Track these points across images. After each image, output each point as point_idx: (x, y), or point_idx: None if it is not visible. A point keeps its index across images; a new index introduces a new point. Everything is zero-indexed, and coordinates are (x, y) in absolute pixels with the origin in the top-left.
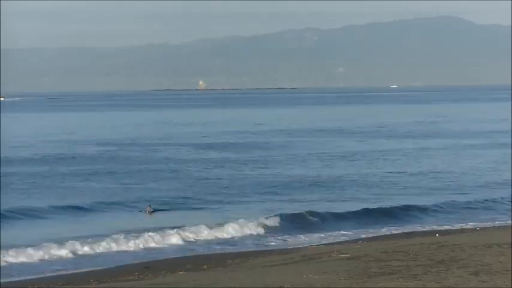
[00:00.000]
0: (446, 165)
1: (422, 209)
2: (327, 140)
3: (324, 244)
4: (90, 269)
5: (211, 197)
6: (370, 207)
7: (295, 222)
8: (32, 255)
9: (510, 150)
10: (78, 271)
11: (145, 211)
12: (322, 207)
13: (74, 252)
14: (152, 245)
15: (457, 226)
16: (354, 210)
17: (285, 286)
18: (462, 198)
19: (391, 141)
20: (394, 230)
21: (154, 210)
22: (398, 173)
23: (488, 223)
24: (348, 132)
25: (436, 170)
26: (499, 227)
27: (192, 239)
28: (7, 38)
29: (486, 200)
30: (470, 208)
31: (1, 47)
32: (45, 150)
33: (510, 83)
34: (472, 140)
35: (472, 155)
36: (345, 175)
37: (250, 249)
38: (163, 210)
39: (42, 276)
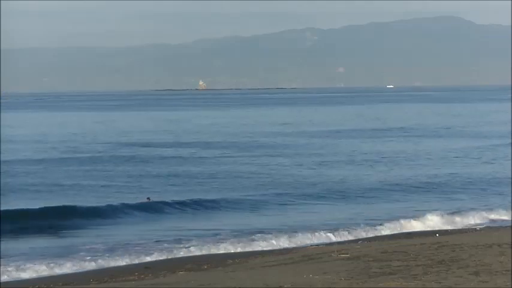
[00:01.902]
0: None
1: None
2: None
3: (324, 244)
4: (90, 269)
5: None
6: None
7: None
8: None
9: None
10: (78, 271)
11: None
12: None
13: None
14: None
15: (457, 226)
16: None
17: (285, 286)
18: None
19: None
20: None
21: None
22: None
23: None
24: (411, 131)
25: None
26: (499, 227)
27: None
28: (7, 38)
29: None
30: None
31: (1, 47)
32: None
33: (510, 83)
34: None
35: None
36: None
37: (250, 249)
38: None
39: (42, 276)
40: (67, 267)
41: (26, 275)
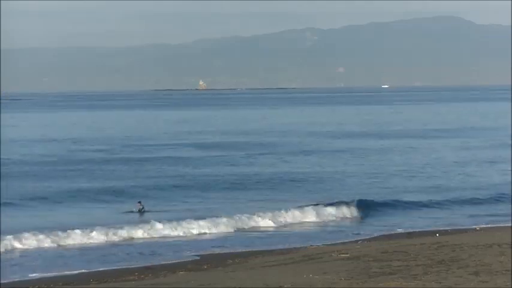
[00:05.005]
0: None
1: None
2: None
3: (324, 244)
4: (90, 269)
5: None
6: None
7: None
8: None
9: None
10: (78, 271)
11: (135, 209)
12: None
13: None
14: None
15: (457, 226)
16: None
17: (285, 286)
18: None
19: None
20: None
21: (145, 210)
22: None
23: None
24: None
25: None
26: (499, 227)
27: None
28: (7, 38)
29: None
30: None
31: (1, 47)
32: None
33: (510, 83)
34: None
35: None
36: None
37: (250, 249)
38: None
39: (42, 276)
40: None
41: None
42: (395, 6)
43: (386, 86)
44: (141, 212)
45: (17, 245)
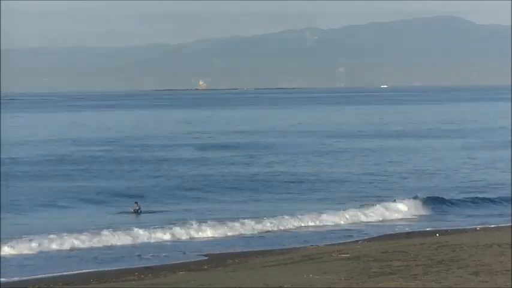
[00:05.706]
0: None
1: None
2: None
3: (324, 244)
4: (90, 269)
5: None
6: None
7: None
8: None
9: None
10: (78, 271)
11: (131, 209)
12: None
13: None
14: None
15: (457, 226)
16: None
17: (285, 286)
18: None
19: None
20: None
21: (141, 211)
22: None
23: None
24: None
25: None
26: (499, 227)
27: None
28: (7, 38)
29: None
30: None
31: (1, 47)
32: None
33: (510, 83)
34: None
35: None
36: None
37: (250, 249)
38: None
39: (42, 276)
40: None
41: None
42: (395, 6)
43: (385, 86)
44: (137, 212)
45: (17, 245)
